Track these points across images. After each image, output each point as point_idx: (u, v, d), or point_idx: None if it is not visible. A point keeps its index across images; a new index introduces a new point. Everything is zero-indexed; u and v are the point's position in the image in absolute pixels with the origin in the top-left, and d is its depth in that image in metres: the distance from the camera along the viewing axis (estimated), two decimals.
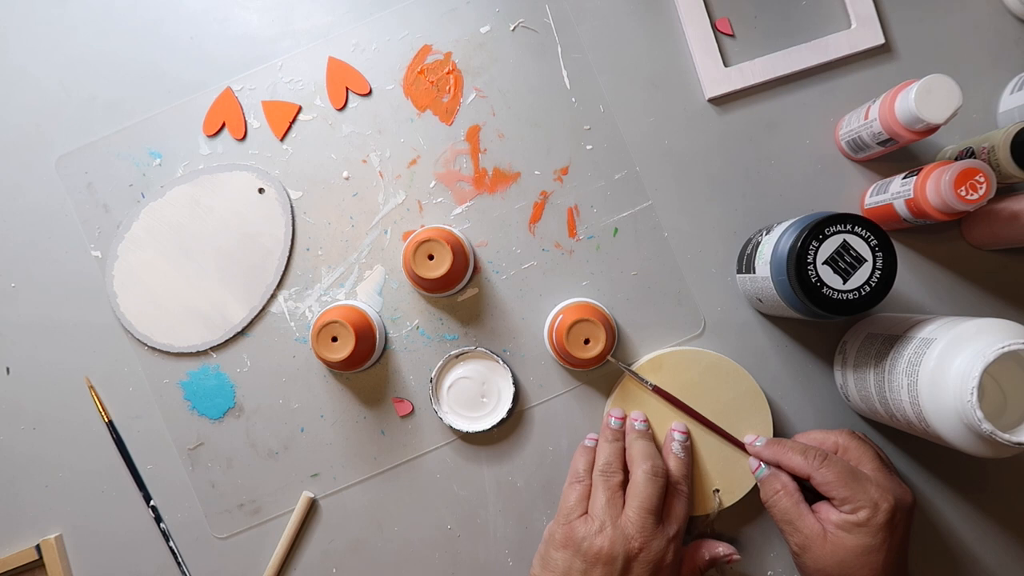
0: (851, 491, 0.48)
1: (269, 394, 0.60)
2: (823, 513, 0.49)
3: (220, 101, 0.61)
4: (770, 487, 0.52)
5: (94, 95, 0.61)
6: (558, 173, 0.60)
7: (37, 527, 0.61)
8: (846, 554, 0.47)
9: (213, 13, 0.61)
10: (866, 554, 0.47)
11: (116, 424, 0.60)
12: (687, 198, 0.60)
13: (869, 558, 0.47)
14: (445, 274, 0.54)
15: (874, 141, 0.54)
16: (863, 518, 0.47)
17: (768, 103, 0.60)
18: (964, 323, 0.46)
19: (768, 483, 0.52)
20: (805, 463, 0.50)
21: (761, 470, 0.53)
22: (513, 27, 0.60)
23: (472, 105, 0.60)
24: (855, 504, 0.47)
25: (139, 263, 0.61)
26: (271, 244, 0.60)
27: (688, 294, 0.59)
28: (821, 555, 0.48)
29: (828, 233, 0.47)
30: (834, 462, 0.49)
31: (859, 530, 0.47)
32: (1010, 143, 0.50)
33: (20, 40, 0.62)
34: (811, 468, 0.49)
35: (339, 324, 0.54)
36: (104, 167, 0.61)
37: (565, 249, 0.60)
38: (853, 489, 0.48)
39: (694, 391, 0.57)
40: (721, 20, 0.60)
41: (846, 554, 0.47)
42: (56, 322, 0.61)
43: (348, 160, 0.60)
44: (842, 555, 0.47)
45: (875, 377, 0.51)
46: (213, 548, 0.60)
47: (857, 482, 0.48)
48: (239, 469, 0.60)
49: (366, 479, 0.60)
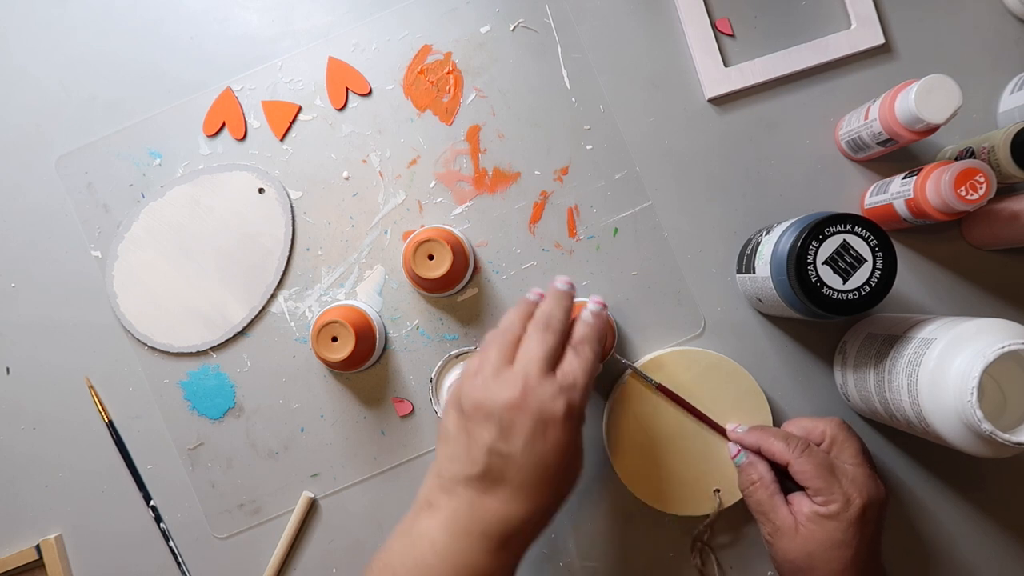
0: (825, 483, 0.48)
1: (269, 394, 0.60)
2: (796, 504, 0.49)
3: (220, 101, 0.61)
4: (747, 477, 0.52)
5: (94, 95, 0.61)
6: (558, 173, 0.60)
7: (37, 527, 0.61)
8: (815, 546, 0.47)
9: (213, 13, 0.61)
10: (835, 548, 0.47)
11: (116, 424, 0.60)
12: (687, 198, 0.60)
13: (838, 552, 0.47)
14: (445, 274, 0.54)
15: (874, 141, 0.54)
16: (834, 511, 0.47)
17: (768, 103, 0.60)
18: (964, 323, 0.46)
19: (745, 472, 0.53)
20: (785, 450, 0.50)
21: (740, 457, 0.54)
22: (513, 27, 0.60)
23: (472, 105, 0.60)
24: (827, 497, 0.48)
25: (139, 263, 0.61)
26: (271, 244, 0.60)
27: (688, 294, 0.59)
28: (791, 546, 0.48)
29: (828, 233, 0.47)
30: (813, 453, 0.49)
31: (829, 523, 0.47)
32: (1010, 143, 0.50)
33: (20, 40, 0.62)
34: (791, 456, 0.50)
35: (339, 324, 0.54)
36: (104, 167, 0.61)
37: (565, 249, 0.60)
38: (828, 482, 0.48)
39: (694, 391, 0.57)
40: (721, 20, 0.60)
41: (815, 546, 0.47)
42: (56, 322, 0.61)
43: (348, 160, 0.60)
44: (811, 547, 0.48)
45: (875, 377, 0.51)
46: (213, 548, 0.60)
47: (832, 475, 0.48)
48: (239, 469, 0.60)
49: (366, 479, 0.60)
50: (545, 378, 0.44)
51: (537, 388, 0.44)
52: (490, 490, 0.43)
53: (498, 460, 0.43)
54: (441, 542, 0.43)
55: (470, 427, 0.44)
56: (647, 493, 0.57)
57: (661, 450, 0.57)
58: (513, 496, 0.43)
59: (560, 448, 0.44)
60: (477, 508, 0.43)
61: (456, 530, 0.43)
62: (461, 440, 0.45)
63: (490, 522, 0.43)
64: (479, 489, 0.44)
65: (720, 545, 0.59)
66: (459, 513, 0.44)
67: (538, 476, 0.43)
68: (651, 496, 0.57)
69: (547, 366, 0.45)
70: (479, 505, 0.43)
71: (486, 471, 0.43)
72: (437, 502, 0.44)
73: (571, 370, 0.45)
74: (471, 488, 0.44)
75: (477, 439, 0.44)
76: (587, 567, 0.59)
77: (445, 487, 0.45)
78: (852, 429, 0.52)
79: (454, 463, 0.45)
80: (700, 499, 0.56)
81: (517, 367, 0.45)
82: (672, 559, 0.59)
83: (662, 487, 0.57)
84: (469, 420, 0.44)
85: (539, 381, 0.44)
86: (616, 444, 0.57)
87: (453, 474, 0.44)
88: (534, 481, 0.43)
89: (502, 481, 0.43)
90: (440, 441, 0.47)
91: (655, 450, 0.57)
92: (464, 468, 0.44)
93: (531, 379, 0.44)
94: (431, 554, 0.43)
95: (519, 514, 0.43)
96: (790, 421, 0.55)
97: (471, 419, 0.44)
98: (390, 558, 0.44)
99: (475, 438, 0.44)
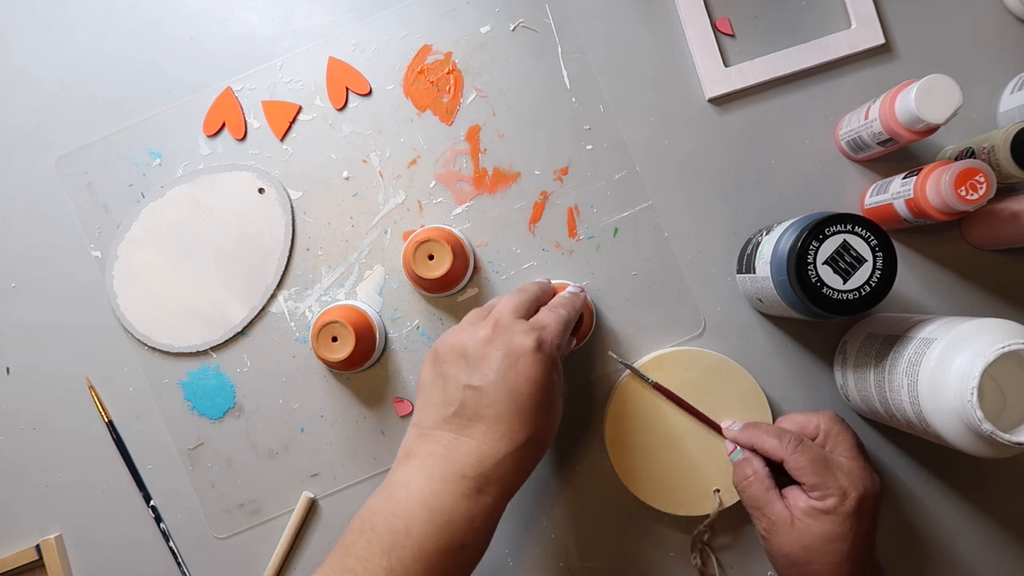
0: (821, 478, 0.48)
1: (269, 394, 0.60)
2: (792, 499, 0.50)
3: (220, 101, 0.61)
4: (741, 473, 0.52)
5: (94, 95, 0.61)
6: (558, 173, 0.60)
7: (37, 527, 0.61)
8: (811, 540, 0.48)
9: (213, 13, 0.61)
10: (831, 541, 0.47)
11: (116, 424, 0.60)
12: (687, 198, 0.60)
13: (834, 545, 0.47)
14: (445, 274, 0.54)
15: (874, 141, 0.54)
16: (830, 505, 0.47)
17: (768, 103, 0.60)
18: (964, 323, 0.46)
19: (740, 468, 0.53)
20: (779, 446, 0.50)
21: (736, 453, 0.54)
22: (513, 27, 0.60)
23: (472, 105, 0.60)
24: (823, 491, 0.48)
25: (139, 263, 0.61)
26: (271, 244, 0.60)
27: (688, 294, 0.59)
28: (787, 540, 0.48)
29: (828, 233, 0.47)
30: (808, 448, 0.50)
31: (825, 517, 0.47)
32: (1010, 143, 0.50)
33: (20, 40, 0.62)
34: (785, 452, 0.50)
35: (339, 324, 0.54)
36: (104, 167, 0.61)
37: (565, 249, 0.60)
38: (823, 476, 0.48)
39: (694, 391, 0.57)
40: (721, 20, 0.60)
41: (811, 540, 0.48)
42: (56, 322, 0.61)
43: (348, 160, 0.60)
44: (807, 541, 0.48)
45: (875, 377, 0.51)
46: (213, 548, 0.60)
47: (828, 469, 0.48)
48: (239, 469, 0.60)
49: (366, 479, 0.60)
50: (516, 320, 0.47)
51: (509, 325, 0.46)
52: (466, 429, 0.44)
53: (472, 394, 0.44)
54: (416, 486, 0.43)
55: (445, 369, 0.46)
56: (647, 493, 0.57)
57: (661, 450, 0.57)
58: (488, 431, 0.44)
59: (532, 379, 0.45)
60: (453, 450, 0.44)
61: (432, 474, 0.43)
62: (437, 384, 0.46)
63: (466, 463, 0.43)
64: (455, 429, 0.44)
65: (720, 545, 0.59)
66: (435, 456, 0.44)
67: (511, 408, 0.44)
68: (651, 496, 0.57)
69: (518, 314, 0.48)
70: (455, 447, 0.44)
71: (461, 407, 0.44)
72: (415, 450, 0.45)
73: (542, 317, 0.49)
74: (448, 430, 0.45)
75: (451, 379, 0.45)
76: (587, 567, 0.59)
77: (423, 434, 0.45)
78: (846, 422, 0.52)
79: (431, 409, 0.46)
80: (700, 499, 0.56)
81: (490, 317, 0.48)
82: (672, 559, 0.59)
83: (662, 487, 0.57)
84: (444, 363, 0.46)
85: (510, 321, 0.47)
86: (616, 444, 0.57)
87: (431, 420, 0.46)
88: (508, 414, 0.44)
89: (477, 417, 0.44)
90: (418, 394, 0.48)
91: (655, 450, 0.57)
92: (441, 410, 0.45)
93: (502, 319, 0.47)
94: (407, 499, 0.43)
95: (495, 451, 0.44)
96: (784, 416, 0.55)
97: (446, 362, 0.46)
98: (367, 513, 0.43)
99: (449, 378, 0.46)
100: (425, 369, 0.48)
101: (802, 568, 0.48)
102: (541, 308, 0.50)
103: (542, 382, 0.45)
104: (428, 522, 0.42)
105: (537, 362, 0.45)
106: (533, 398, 0.44)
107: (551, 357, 0.46)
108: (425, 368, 0.48)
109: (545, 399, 0.45)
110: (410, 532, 0.41)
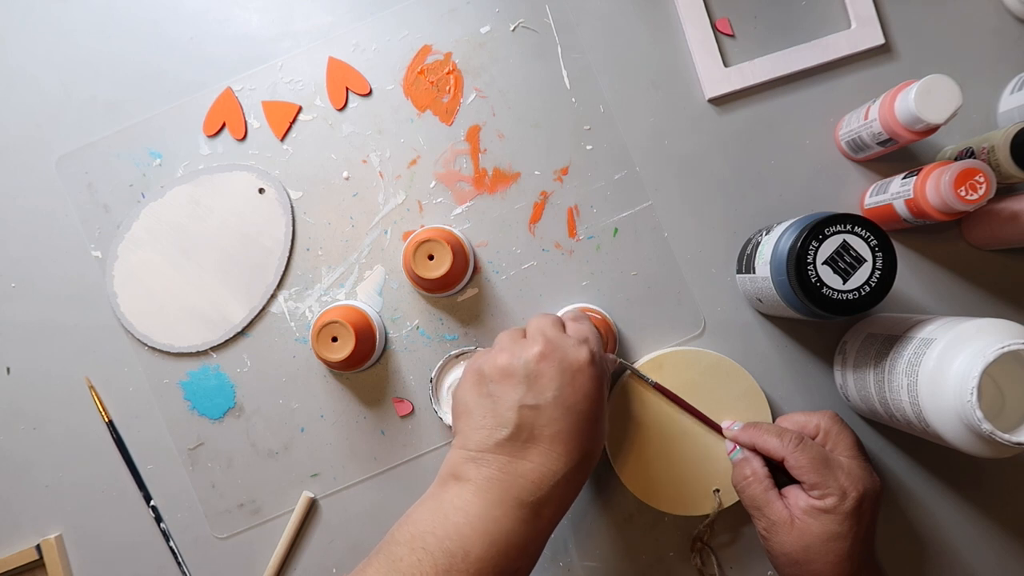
0: (821, 477, 0.48)
1: (269, 394, 0.60)
2: (792, 498, 0.50)
3: (220, 101, 0.61)
4: (740, 472, 0.52)
5: (94, 95, 0.61)
6: (558, 173, 0.60)
7: (37, 527, 0.61)
8: (811, 540, 0.48)
9: (213, 13, 0.61)
10: (831, 540, 0.47)
11: (116, 424, 0.60)
12: (687, 198, 0.60)
13: (834, 544, 0.47)
14: (445, 274, 0.54)
15: (874, 141, 0.54)
16: (830, 505, 0.47)
17: (768, 103, 0.60)
18: (964, 323, 0.46)
19: (739, 468, 0.53)
20: (780, 445, 0.50)
21: (735, 452, 0.54)
22: (513, 27, 0.60)
23: (472, 105, 0.60)
24: (823, 491, 0.48)
25: (139, 263, 0.61)
26: (271, 244, 0.60)
27: (688, 294, 0.59)
28: (787, 540, 0.49)
29: (828, 233, 0.47)
30: (808, 447, 0.50)
31: (825, 516, 0.48)
32: (1010, 143, 0.50)
33: (20, 40, 0.62)
34: (785, 451, 0.50)
35: (339, 324, 0.54)
36: (104, 167, 0.61)
37: (565, 249, 0.60)
38: (823, 475, 0.48)
39: (694, 391, 0.57)
40: (721, 20, 0.60)
41: (811, 540, 0.48)
42: (56, 322, 0.61)
43: (348, 160, 0.60)
44: (807, 540, 0.48)
45: (875, 377, 0.51)
46: (213, 548, 0.60)
47: (828, 469, 0.48)
48: (239, 469, 0.60)
49: (366, 479, 0.60)
50: (564, 334, 0.46)
51: (558, 340, 0.45)
52: (522, 451, 0.43)
53: (529, 413, 0.43)
54: (475, 512, 0.42)
55: (495, 390, 0.45)
56: (647, 493, 0.57)
57: (661, 450, 0.57)
58: (547, 452, 0.43)
59: (588, 395, 0.44)
60: (510, 473, 0.43)
61: (490, 499, 0.43)
62: (486, 406, 0.45)
63: (524, 487, 0.43)
64: (510, 452, 0.43)
65: (720, 545, 0.59)
66: (492, 481, 0.43)
67: (570, 425, 0.43)
68: (651, 496, 0.57)
69: (559, 328, 0.47)
70: (512, 470, 0.43)
71: (517, 429, 0.43)
72: (466, 474, 0.44)
73: (579, 327, 0.48)
74: (502, 453, 0.43)
75: (504, 399, 0.44)
76: (587, 567, 0.59)
77: (473, 458, 0.44)
78: (845, 422, 0.52)
79: (480, 431, 0.44)
80: (700, 499, 0.56)
81: (531, 332, 0.46)
82: (672, 559, 0.59)
83: (662, 487, 0.57)
84: (493, 384, 0.45)
85: (557, 335, 0.46)
86: (616, 444, 0.57)
87: (481, 442, 0.44)
88: (567, 431, 0.43)
89: (533, 438, 0.43)
90: (460, 417, 0.46)
91: (655, 450, 0.57)
92: (493, 433, 0.44)
93: (549, 333, 0.46)
94: (465, 524, 0.42)
95: (552, 472, 0.43)
96: (784, 416, 0.55)
97: (496, 382, 0.45)
98: (417, 528, 0.42)
99: (502, 399, 0.44)
100: (465, 391, 0.46)
101: (802, 567, 0.48)
102: (568, 323, 0.49)
103: (596, 396, 0.45)
104: (487, 547, 0.41)
105: (592, 376, 0.45)
106: (589, 414, 0.44)
107: (603, 369, 0.46)
108: (465, 390, 0.47)
109: (600, 413, 0.45)
110: (468, 557, 0.41)
